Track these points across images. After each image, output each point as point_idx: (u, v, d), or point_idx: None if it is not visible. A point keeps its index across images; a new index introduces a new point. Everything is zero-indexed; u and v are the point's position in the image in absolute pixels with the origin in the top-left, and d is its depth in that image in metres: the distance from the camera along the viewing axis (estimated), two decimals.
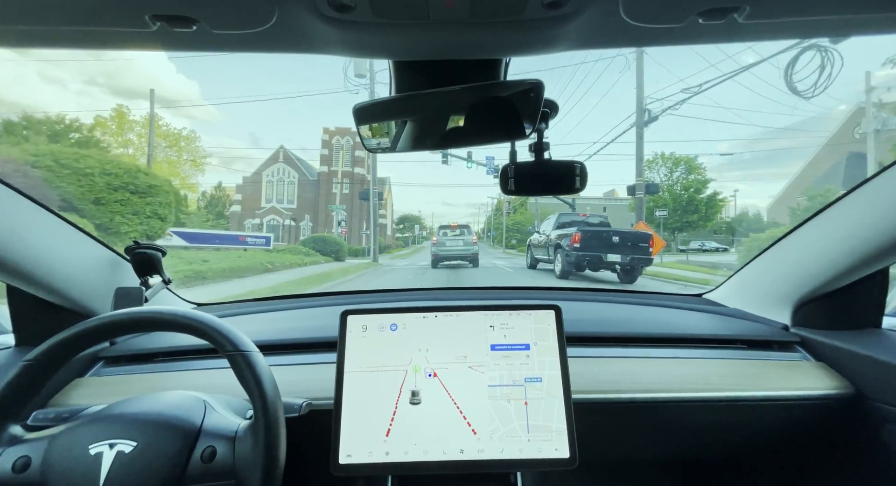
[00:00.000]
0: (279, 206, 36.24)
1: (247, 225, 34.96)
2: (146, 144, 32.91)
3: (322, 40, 0.49)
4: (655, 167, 28.85)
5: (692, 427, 0.89)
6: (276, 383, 0.60)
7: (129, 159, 30.94)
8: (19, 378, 0.58)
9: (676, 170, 28.05)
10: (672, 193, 27.06)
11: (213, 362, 0.92)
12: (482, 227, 73.37)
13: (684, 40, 0.49)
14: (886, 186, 0.77)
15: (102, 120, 30.69)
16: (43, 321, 0.90)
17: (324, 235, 20.46)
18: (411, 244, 58.26)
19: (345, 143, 37.52)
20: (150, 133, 21.53)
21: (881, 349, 0.83)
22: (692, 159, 27.74)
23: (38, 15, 0.43)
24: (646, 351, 0.96)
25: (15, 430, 0.59)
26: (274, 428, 0.57)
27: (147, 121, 33.30)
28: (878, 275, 0.90)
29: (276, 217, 35.99)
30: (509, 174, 0.79)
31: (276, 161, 38.19)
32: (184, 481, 0.55)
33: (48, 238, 0.84)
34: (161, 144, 33.00)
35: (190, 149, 35.44)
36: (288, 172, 38.19)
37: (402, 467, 0.69)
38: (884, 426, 0.81)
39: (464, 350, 0.75)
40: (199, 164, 36.53)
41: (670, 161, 28.37)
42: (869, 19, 0.43)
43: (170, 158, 34.00)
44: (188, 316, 0.61)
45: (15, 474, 0.54)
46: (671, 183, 27.85)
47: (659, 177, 28.30)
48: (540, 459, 0.69)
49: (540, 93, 0.65)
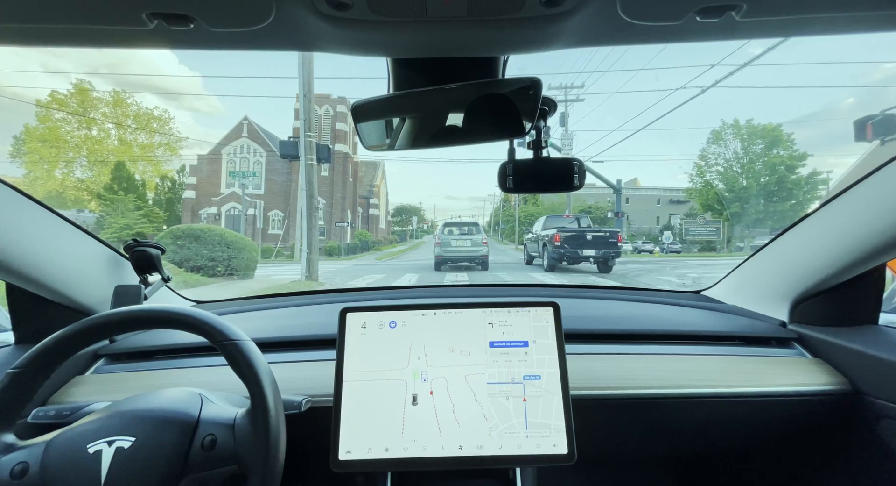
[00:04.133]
0: (242, 192, 27.84)
1: (202, 215, 27.63)
2: (112, 125, 30.50)
3: (320, 38, 0.49)
4: (725, 140, 22.65)
5: (690, 423, 0.89)
6: (270, 370, 0.61)
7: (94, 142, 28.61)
8: (6, 388, 0.57)
9: (756, 143, 20.91)
10: (753, 173, 20.43)
11: (212, 359, 0.92)
12: (488, 219, 69.37)
13: (682, 38, 0.49)
14: (883, 184, 0.78)
15: (61, 97, 27.65)
16: (43, 319, 0.91)
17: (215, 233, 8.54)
18: (409, 239, 51.69)
19: (322, 113, 29.88)
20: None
21: (877, 346, 0.84)
22: (776, 128, 20.65)
23: (36, 13, 0.43)
24: (644, 348, 0.96)
25: (7, 438, 0.58)
26: (272, 411, 0.57)
27: (116, 99, 30.56)
28: (874, 272, 0.91)
29: (238, 206, 27.31)
30: (508, 172, 0.79)
31: (239, 136, 30.12)
32: (186, 470, 0.55)
33: (47, 236, 0.84)
34: (130, 126, 31.30)
35: (165, 131, 32.56)
36: (253, 150, 30.06)
37: (401, 463, 0.69)
38: (879, 422, 0.81)
39: (463, 347, 0.76)
40: (176, 148, 33.43)
41: (745, 130, 21.76)
42: (864, 17, 0.44)
43: (140, 142, 31.75)
44: (179, 312, 0.61)
45: (13, 480, 0.54)
46: (748, 161, 20.96)
47: (727, 155, 22.35)
48: (538, 455, 0.69)
49: (538, 90, 0.65)
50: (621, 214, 20.32)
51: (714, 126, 27.89)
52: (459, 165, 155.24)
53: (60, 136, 28.10)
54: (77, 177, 29.41)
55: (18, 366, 0.58)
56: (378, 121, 0.77)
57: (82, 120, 28.92)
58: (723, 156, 24.05)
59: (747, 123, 21.99)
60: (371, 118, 0.74)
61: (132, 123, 31.69)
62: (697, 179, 25.55)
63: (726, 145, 22.30)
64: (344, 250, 22.46)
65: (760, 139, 21.14)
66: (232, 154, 30.01)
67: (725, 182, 21.34)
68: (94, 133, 29.97)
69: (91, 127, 29.66)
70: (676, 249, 24.62)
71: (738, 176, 21.84)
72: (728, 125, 22.58)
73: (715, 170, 24.61)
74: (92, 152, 29.41)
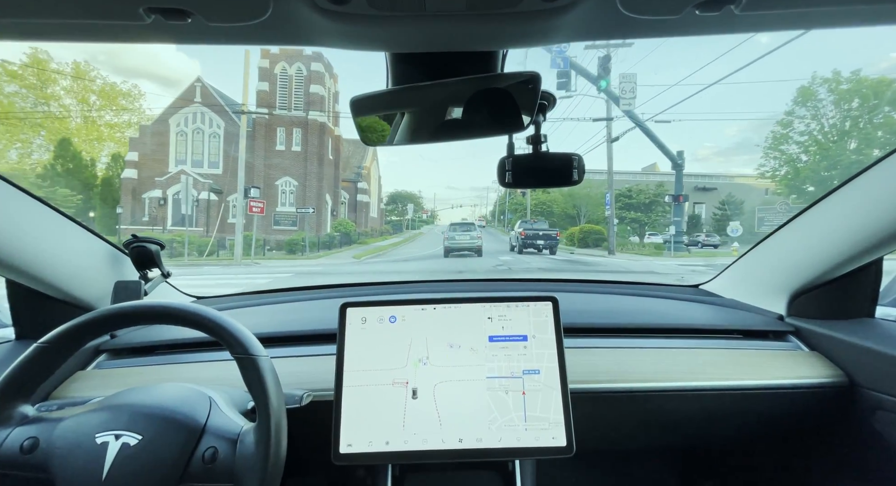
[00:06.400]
0: (195, 170, 22.05)
1: (145, 200, 22.10)
2: (75, 100, 25.05)
3: (318, 33, 0.48)
4: (816, 99, 16.69)
5: (688, 416, 0.90)
6: (281, 389, 0.61)
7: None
8: (32, 360, 0.59)
9: (875, 99, 14.82)
10: (866, 139, 14.87)
11: (213, 354, 0.93)
12: (491, 209, 64.43)
13: (681, 32, 0.49)
14: (880, 178, 0.78)
15: (13, 70, 22.64)
16: (43, 315, 0.91)
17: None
18: (405, 230, 43.61)
19: (294, 72, 24.03)
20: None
21: (874, 338, 0.85)
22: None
23: (33, 8, 0.43)
24: (643, 341, 0.97)
25: (26, 409, 0.60)
26: (275, 435, 0.57)
27: (79, 72, 25.01)
28: (871, 265, 0.92)
29: (191, 188, 21.82)
30: (507, 167, 0.79)
31: (190, 102, 23.56)
32: (184, 479, 0.56)
33: (47, 233, 0.84)
34: (95, 104, 26.69)
35: (134, 108, 27.68)
36: (209, 120, 23.54)
37: (402, 455, 0.70)
38: (875, 414, 0.82)
39: (462, 342, 0.76)
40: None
41: (850, 82, 15.82)
42: (864, 10, 0.44)
43: (108, 121, 26.98)
44: (204, 314, 0.62)
45: (22, 454, 0.56)
46: (856, 122, 15.21)
47: (823, 124, 16.11)
48: (537, 447, 0.70)
49: (537, 85, 0.65)
50: (683, 198, 16.12)
51: (801, 82, 20.19)
52: (460, 161, 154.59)
53: (13, 112, 23.02)
54: (37, 158, 24.03)
55: (46, 341, 0.60)
56: (377, 115, 0.77)
57: (39, 94, 24.11)
58: (823, 117, 17.37)
59: (853, 76, 15.92)
60: (370, 113, 0.74)
61: (98, 100, 27.00)
62: (771, 155, 19.60)
63: (817, 107, 16.43)
64: (310, 245, 17.46)
65: (875, 97, 15.35)
66: (182, 124, 23.53)
67: (821, 153, 16.35)
68: (56, 110, 25.02)
69: (49, 102, 24.82)
70: (714, 242, 22.95)
71: (834, 145, 16.63)
72: (822, 80, 16.65)
73: (801, 140, 18.45)
74: (52, 132, 24.41)
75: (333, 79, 26.81)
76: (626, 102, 15.66)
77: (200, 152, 23.81)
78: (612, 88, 15.82)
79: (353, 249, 20.22)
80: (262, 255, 16.72)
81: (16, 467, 0.56)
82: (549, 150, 0.78)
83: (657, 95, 46.08)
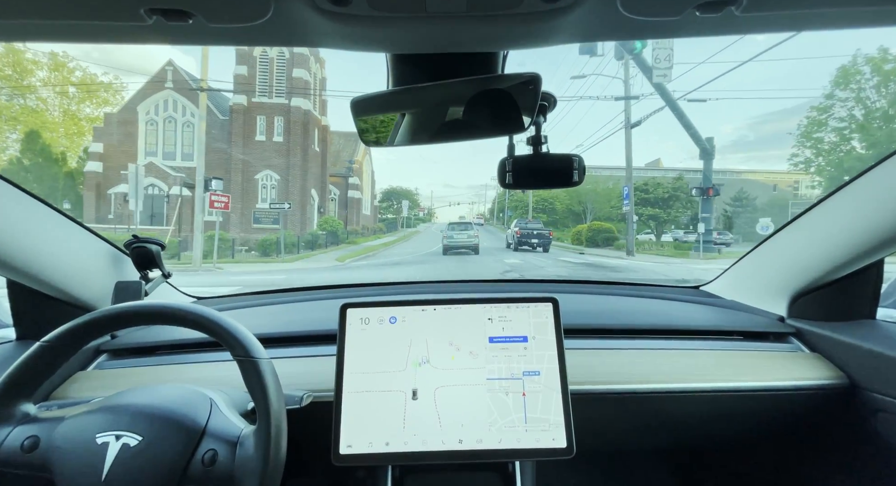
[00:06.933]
0: (166, 163, 20.02)
1: (111, 196, 19.83)
2: (53, 92, 23.38)
3: (319, 34, 0.49)
4: (858, 80, 15.20)
5: (688, 417, 0.90)
6: (281, 392, 0.61)
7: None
8: (35, 358, 0.59)
9: None
10: None
11: (213, 355, 0.93)
12: (489, 207, 62.62)
13: (681, 33, 0.49)
14: (881, 180, 0.78)
15: None
16: (44, 315, 0.91)
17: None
18: (401, 228, 40.89)
19: (275, 55, 21.81)
20: None
21: (874, 340, 0.84)
22: None
23: (35, 9, 0.43)
24: (643, 343, 0.97)
25: (27, 408, 0.60)
26: (275, 440, 0.57)
27: (56, 62, 23.43)
28: (872, 267, 0.91)
29: (160, 182, 19.49)
30: (507, 168, 0.79)
31: (161, 87, 21.26)
32: (183, 481, 0.56)
33: (48, 233, 0.84)
34: (75, 96, 24.99)
35: (117, 101, 24.99)
36: (181, 107, 21.34)
37: (402, 457, 0.70)
38: (876, 415, 0.82)
39: (462, 343, 0.76)
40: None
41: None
42: (864, 12, 0.44)
43: (88, 115, 25.26)
44: (205, 315, 0.62)
45: (22, 453, 0.56)
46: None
47: (865, 107, 14.54)
48: (538, 448, 0.70)
49: (538, 86, 0.65)
50: (713, 191, 14.12)
51: (841, 61, 17.66)
52: (458, 160, 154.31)
53: None
54: (11, 154, 21.96)
55: (49, 340, 0.60)
56: (377, 116, 0.77)
57: (16, 86, 22.63)
58: (867, 100, 15.66)
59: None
60: (370, 114, 0.74)
61: (77, 92, 25.25)
62: (803, 143, 18.32)
63: (856, 90, 14.59)
64: (289, 246, 15.56)
65: None
66: (152, 112, 21.28)
67: (867, 140, 14.50)
68: (33, 103, 23.49)
69: (25, 96, 23.28)
70: (726, 240, 20.13)
71: (880, 131, 14.86)
72: (866, 59, 14.96)
73: (839, 127, 16.99)
74: (28, 126, 22.38)
75: (320, 63, 24.28)
76: (660, 73, 13.08)
77: (172, 143, 21.52)
78: (643, 56, 13.49)
79: (339, 249, 18.19)
80: (232, 257, 14.49)
81: (16, 465, 0.56)
82: (549, 150, 0.79)
83: (689, 70, 42.87)
